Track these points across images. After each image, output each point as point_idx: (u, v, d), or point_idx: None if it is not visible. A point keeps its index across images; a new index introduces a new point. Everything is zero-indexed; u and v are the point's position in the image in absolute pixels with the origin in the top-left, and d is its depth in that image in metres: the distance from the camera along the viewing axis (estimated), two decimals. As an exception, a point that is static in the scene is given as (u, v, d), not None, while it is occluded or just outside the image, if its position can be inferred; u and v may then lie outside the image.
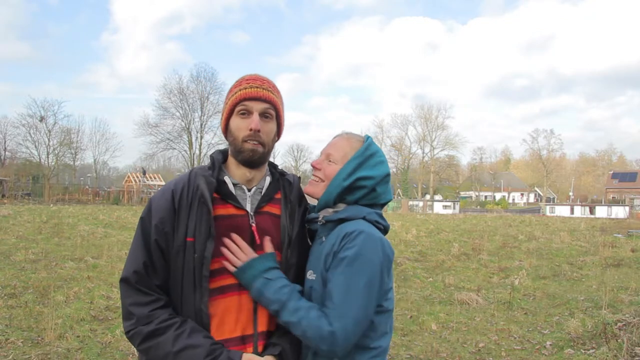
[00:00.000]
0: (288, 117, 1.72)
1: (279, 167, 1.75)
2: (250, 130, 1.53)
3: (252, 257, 1.51)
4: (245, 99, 1.54)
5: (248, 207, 1.59)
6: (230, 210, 1.56)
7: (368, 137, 1.68)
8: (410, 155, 76.74)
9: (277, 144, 1.70)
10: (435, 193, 74.95)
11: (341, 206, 1.61)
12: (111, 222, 19.45)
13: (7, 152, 54.11)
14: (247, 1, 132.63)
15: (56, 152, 52.27)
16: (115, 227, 17.66)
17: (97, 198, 47.36)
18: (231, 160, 1.63)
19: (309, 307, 1.45)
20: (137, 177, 52.81)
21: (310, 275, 1.57)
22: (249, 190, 1.62)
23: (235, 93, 1.57)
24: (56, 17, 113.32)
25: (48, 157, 51.50)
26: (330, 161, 1.63)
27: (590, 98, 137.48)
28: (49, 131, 51.35)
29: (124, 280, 1.51)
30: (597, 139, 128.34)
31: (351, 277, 1.44)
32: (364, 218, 1.56)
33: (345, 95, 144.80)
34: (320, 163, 1.65)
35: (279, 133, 1.66)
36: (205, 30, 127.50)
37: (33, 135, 50.75)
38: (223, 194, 1.57)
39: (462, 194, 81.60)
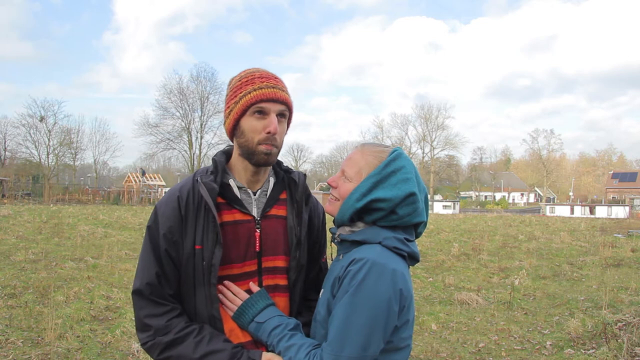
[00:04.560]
0: (289, 117, 1.69)
1: (284, 165, 1.69)
2: (269, 133, 1.47)
3: (243, 302, 1.48)
4: (262, 100, 1.47)
5: (254, 212, 1.56)
6: (237, 216, 1.53)
7: (394, 151, 1.50)
8: (411, 155, 76.58)
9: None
10: (435, 193, 74.90)
11: (360, 225, 1.46)
12: (111, 222, 19.44)
13: (7, 152, 54.12)
14: (249, 1, 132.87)
15: (56, 152, 52.27)
16: (115, 227, 17.65)
17: (97, 198, 47.34)
18: (238, 161, 1.57)
19: (299, 347, 1.37)
20: (137, 177, 52.83)
21: (322, 293, 1.49)
22: (254, 193, 1.58)
23: (250, 92, 1.48)
24: (58, 17, 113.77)
25: (48, 157, 51.52)
26: (345, 178, 1.49)
27: (592, 98, 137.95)
28: (49, 131, 51.37)
29: (137, 293, 1.47)
30: (598, 139, 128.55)
31: (351, 312, 1.30)
32: (380, 243, 1.39)
33: (346, 96, 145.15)
34: (335, 180, 1.52)
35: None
36: (208, 30, 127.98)
37: (33, 135, 50.78)
38: (229, 199, 1.53)
39: (462, 194, 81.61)
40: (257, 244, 1.54)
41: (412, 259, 1.46)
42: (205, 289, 1.47)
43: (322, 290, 1.50)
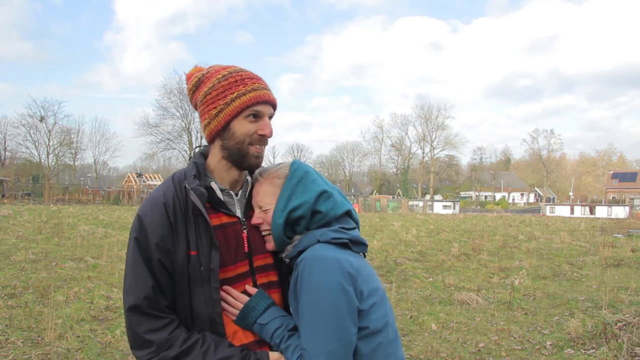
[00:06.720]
0: (289, 117, 1.69)
1: None
2: (264, 136, 1.48)
3: (244, 305, 1.48)
4: (259, 103, 1.47)
5: (238, 213, 1.56)
6: (223, 219, 1.52)
7: (292, 164, 1.54)
8: (410, 155, 76.88)
9: (277, 144, 1.67)
10: (435, 193, 74.96)
11: (297, 238, 1.50)
12: (111, 222, 19.45)
13: (7, 152, 54.18)
14: (251, 1, 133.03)
15: (56, 152, 52.40)
16: (115, 227, 17.64)
17: (97, 198, 47.34)
18: (220, 164, 1.54)
19: (295, 348, 1.40)
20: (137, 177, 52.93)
21: (290, 305, 1.51)
22: (236, 194, 1.58)
23: (245, 94, 1.46)
24: (59, 17, 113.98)
25: (48, 157, 51.64)
26: (265, 210, 1.51)
27: (592, 98, 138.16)
28: (49, 131, 51.51)
29: (133, 309, 1.40)
30: (599, 139, 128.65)
31: (312, 309, 1.33)
32: (318, 242, 1.44)
33: (347, 96, 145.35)
34: (258, 217, 1.54)
35: None
36: (209, 30, 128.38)
37: (33, 135, 50.96)
38: (213, 203, 1.51)
39: (462, 194, 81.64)
40: (246, 245, 1.54)
41: (355, 244, 1.49)
42: (206, 293, 1.44)
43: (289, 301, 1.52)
